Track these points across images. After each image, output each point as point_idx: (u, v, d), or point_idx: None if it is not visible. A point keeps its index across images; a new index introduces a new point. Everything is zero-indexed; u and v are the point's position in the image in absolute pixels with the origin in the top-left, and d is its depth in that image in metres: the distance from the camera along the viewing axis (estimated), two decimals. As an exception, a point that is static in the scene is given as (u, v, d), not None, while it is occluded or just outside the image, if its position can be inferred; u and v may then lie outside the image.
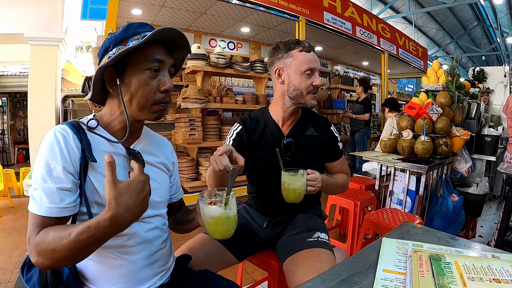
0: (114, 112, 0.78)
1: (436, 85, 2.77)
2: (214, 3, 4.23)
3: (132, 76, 0.73)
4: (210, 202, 0.76)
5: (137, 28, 0.74)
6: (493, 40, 12.91)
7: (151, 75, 0.74)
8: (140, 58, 0.73)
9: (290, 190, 1.02)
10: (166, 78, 0.76)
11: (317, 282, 0.60)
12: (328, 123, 1.27)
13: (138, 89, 0.73)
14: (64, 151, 0.68)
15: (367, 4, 9.80)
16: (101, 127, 0.77)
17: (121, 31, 0.74)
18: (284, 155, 1.16)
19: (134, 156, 0.77)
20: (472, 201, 2.51)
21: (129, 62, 0.73)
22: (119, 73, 0.73)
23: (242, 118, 1.24)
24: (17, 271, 0.80)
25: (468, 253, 0.68)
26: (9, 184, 3.51)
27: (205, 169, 3.56)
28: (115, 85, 0.74)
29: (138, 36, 0.73)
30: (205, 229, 0.79)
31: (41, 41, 4.39)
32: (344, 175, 1.27)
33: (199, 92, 3.48)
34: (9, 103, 6.66)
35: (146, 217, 0.79)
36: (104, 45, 0.75)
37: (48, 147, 0.68)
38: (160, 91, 0.75)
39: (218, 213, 0.74)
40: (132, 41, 0.72)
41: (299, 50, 1.11)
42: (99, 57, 0.76)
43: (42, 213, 0.65)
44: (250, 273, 1.98)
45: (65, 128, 0.71)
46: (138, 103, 0.74)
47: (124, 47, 0.71)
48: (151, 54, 0.73)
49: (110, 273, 0.73)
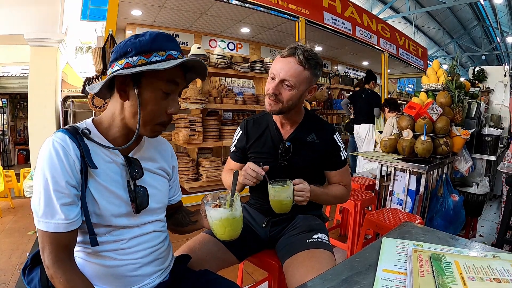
0: (116, 116, 0.75)
1: (436, 85, 2.77)
2: (214, 4, 4.23)
3: (145, 91, 0.71)
4: (215, 205, 0.78)
5: (164, 42, 0.71)
6: (493, 39, 12.91)
7: (163, 96, 0.72)
8: (157, 76, 0.70)
9: (276, 202, 1.01)
10: (176, 101, 0.75)
11: (317, 282, 0.60)
12: (332, 130, 1.21)
13: (146, 106, 0.71)
14: (65, 165, 0.67)
15: (367, 4, 9.80)
16: (99, 133, 0.75)
17: (147, 40, 0.70)
18: (281, 159, 1.15)
19: (133, 164, 0.77)
20: (473, 200, 2.50)
21: (145, 77, 0.70)
22: (135, 83, 0.70)
23: (245, 120, 1.28)
24: (18, 272, 0.81)
25: (468, 253, 0.68)
26: (9, 185, 3.52)
27: (205, 169, 3.57)
28: (124, 91, 0.72)
29: (164, 53, 0.70)
30: (213, 232, 0.81)
31: (41, 42, 4.39)
32: (341, 187, 1.20)
33: (199, 92, 3.49)
34: (9, 104, 6.67)
35: (145, 223, 0.80)
36: (125, 46, 0.70)
37: (48, 162, 0.66)
38: (167, 113, 0.74)
39: (225, 215, 0.77)
40: (156, 56, 0.69)
41: (280, 55, 1.08)
42: (116, 55, 0.71)
43: (50, 230, 0.66)
44: (250, 273, 1.98)
45: (63, 137, 0.69)
46: (144, 119, 0.72)
47: (147, 59, 0.68)
48: (170, 76, 0.71)
49: (108, 273, 0.74)
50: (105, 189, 0.72)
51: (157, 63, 0.69)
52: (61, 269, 0.66)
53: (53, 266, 0.66)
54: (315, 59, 1.06)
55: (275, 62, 1.08)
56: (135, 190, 0.76)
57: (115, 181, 0.74)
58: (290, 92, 1.06)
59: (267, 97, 1.09)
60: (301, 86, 1.07)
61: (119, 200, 0.74)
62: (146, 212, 0.79)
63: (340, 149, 1.20)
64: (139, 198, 0.76)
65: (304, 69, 1.04)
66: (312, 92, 1.14)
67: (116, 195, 0.74)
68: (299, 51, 1.03)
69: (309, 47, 1.06)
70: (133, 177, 0.76)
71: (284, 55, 1.05)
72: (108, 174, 0.73)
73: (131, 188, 0.76)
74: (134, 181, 0.77)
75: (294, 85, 1.05)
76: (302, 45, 1.05)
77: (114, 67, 0.71)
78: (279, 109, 1.09)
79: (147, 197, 0.78)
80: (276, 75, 1.05)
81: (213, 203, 0.79)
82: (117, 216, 0.73)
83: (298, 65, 1.04)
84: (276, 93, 1.06)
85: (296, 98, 1.08)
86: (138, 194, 0.76)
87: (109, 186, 0.73)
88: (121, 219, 0.74)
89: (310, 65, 1.04)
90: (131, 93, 0.71)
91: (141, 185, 0.78)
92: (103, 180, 0.72)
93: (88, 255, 0.74)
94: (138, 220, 0.78)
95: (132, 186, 0.76)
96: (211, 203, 0.79)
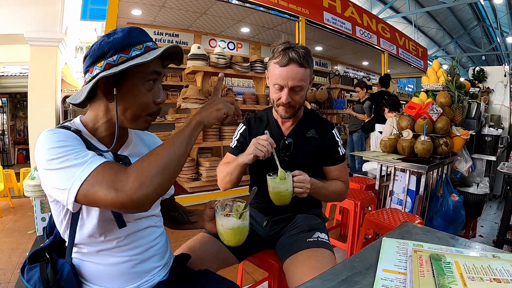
0: (100, 118, 0.75)
1: (436, 85, 2.77)
2: (214, 3, 4.23)
3: (132, 86, 0.71)
4: (226, 214, 0.84)
5: (139, 35, 0.72)
6: (493, 39, 12.92)
7: (149, 87, 0.73)
8: (140, 70, 0.71)
9: (275, 193, 1.02)
10: (161, 90, 0.76)
11: (317, 282, 0.60)
12: (331, 126, 1.24)
13: (135, 100, 0.72)
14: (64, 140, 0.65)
15: (367, 4, 9.80)
16: (88, 131, 0.75)
17: (122, 37, 0.70)
18: (282, 155, 1.16)
19: (122, 161, 0.77)
20: (472, 201, 2.50)
21: (128, 73, 0.70)
22: (116, 81, 0.70)
23: (247, 118, 1.29)
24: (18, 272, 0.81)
25: (468, 253, 0.68)
26: (9, 184, 3.52)
27: (205, 169, 3.57)
28: (110, 93, 0.71)
29: (141, 46, 0.71)
30: (220, 237, 0.86)
31: (41, 42, 4.38)
32: (340, 183, 1.21)
33: (199, 92, 3.48)
34: (9, 104, 6.67)
35: (141, 217, 0.80)
36: (100, 48, 0.69)
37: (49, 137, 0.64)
38: (155, 103, 0.75)
39: (236, 225, 0.83)
40: (134, 50, 0.70)
41: (275, 62, 1.08)
42: (92, 59, 0.70)
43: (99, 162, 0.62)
44: (250, 273, 1.98)
45: (58, 130, 0.68)
46: (134, 113, 0.73)
47: (127, 55, 0.69)
48: (151, 66, 0.72)
49: (106, 271, 0.74)
50: None
51: (138, 57, 0.69)
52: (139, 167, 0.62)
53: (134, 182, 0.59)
54: (307, 53, 1.08)
55: (276, 70, 1.08)
56: None
57: None
58: (300, 94, 1.11)
59: (281, 106, 1.11)
60: (307, 84, 1.12)
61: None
62: None
63: (338, 145, 1.23)
64: None
65: (305, 68, 1.07)
66: (312, 82, 1.18)
67: None
68: (293, 54, 1.04)
69: (293, 43, 1.09)
70: None
71: (283, 64, 1.05)
72: None
73: None
74: None
75: (303, 87, 1.09)
76: (290, 45, 1.06)
77: (94, 71, 0.70)
78: (294, 112, 1.14)
79: None
80: (284, 84, 1.07)
81: (224, 212, 0.84)
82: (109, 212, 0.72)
83: (300, 67, 1.06)
84: (289, 101, 1.09)
85: (304, 96, 1.14)
86: None
87: None
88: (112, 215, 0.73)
89: (307, 62, 1.07)
90: (119, 91, 0.71)
91: None
92: None
93: (85, 255, 0.74)
94: (130, 215, 0.77)
95: None
96: (222, 212, 0.84)
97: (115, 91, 0.70)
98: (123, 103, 0.72)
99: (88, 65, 0.71)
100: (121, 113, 0.73)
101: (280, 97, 1.10)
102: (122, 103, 0.72)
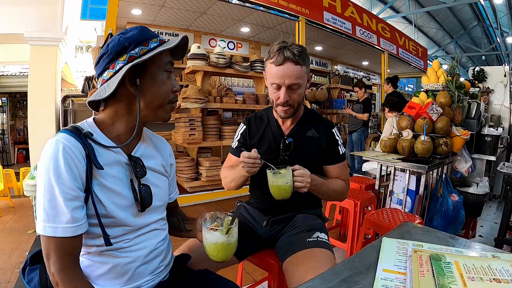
0: (121, 114, 0.76)
1: (436, 85, 2.77)
2: (214, 3, 4.23)
3: (154, 76, 0.75)
4: (212, 228, 0.78)
5: (150, 32, 0.77)
6: (493, 40, 12.90)
7: (167, 76, 0.78)
8: (158, 60, 0.75)
9: (274, 187, 1.02)
10: (175, 79, 0.81)
11: (317, 282, 0.60)
12: (331, 125, 1.24)
13: (158, 89, 0.75)
14: (71, 165, 0.65)
15: (367, 4, 9.80)
16: (101, 132, 0.75)
17: (138, 32, 0.74)
18: (283, 154, 1.16)
19: (135, 163, 0.77)
20: (472, 201, 2.50)
21: (149, 63, 0.74)
22: (138, 73, 0.73)
23: (248, 117, 1.29)
24: (17, 271, 0.81)
25: (468, 253, 0.68)
26: (9, 184, 3.51)
27: (205, 169, 3.57)
28: (134, 85, 0.73)
29: (156, 39, 0.75)
30: (205, 251, 0.81)
31: (41, 41, 4.38)
32: (341, 181, 1.20)
33: (199, 92, 3.48)
34: (9, 103, 6.67)
35: (149, 222, 0.80)
36: (119, 44, 0.72)
37: (53, 163, 0.64)
38: (173, 91, 0.79)
39: (220, 240, 0.77)
40: (152, 42, 0.74)
41: (271, 61, 1.08)
42: (111, 56, 0.72)
43: (57, 235, 0.64)
44: (250, 273, 1.98)
45: (67, 138, 0.67)
46: (158, 103, 0.76)
47: (147, 47, 0.73)
48: (166, 57, 0.77)
49: (108, 271, 0.74)
50: (110, 189, 0.72)
51: (156, 48, 0.74)
52: (68, 277, 0.64)
53: (59, 274, 0.63)
54: (303, 51, 1.08)
55: (272, 70, 1.08)
56: (139, 189, 0.76)
57: (120, 181, 0.74)
58: (298, 92, 1.11)
59: (280, 106, 1.12)
60: (304, 81, 1.12)
61: (124, 200, 0.74)
62: (149, 210, 0.79)
63: (339, 144, 1.22)
64: (143, 196, 0.76)
65: (302, 66, 1.07)
66: (310, 80, 1.17)
67: (121, 194, 0.74)
68: (288, 53, 1.05)
69: (289, 41, 1.10)
70: (137, 176, 0.77)
71: (279, 63, 1.06)
72: (112, 174, 0.73)
73: (135, 187, 0.76)
74: (139, 180, 0.77)
75: (300, 84, 1.09)
76: (285, 44, 1.07)
77: (116, 66, 0.72)
78: (293, 111, 1.14)
79: (150, 196, 0.78)
80: (281, 83, 1.07)
81: (210, 226, 0.79)
82: (123, 216, 0.73)
83: (295, 65, 1.06)
84: (287, 99, 1.09)
85: (302, 95, 1.14)
86: (142, 193, 0.76)
87: (114, 186, 0.73)
88: (126, 219, 0.74)
89: (303, 59, 1.07)
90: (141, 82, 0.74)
91: (144, 183, 0.78)
92: (108, 180, 0.72)
93: (90, 254, 0.74)
94: (142, 219, 0.78)
95: (136, 185, 0.76)
96: (209, 225, 0.79)
97: (138, 82, 0.73)
98: (147, 94, 0.75)
99: (107, 62, 0.73)
100: (145, 105, 0.75)
101: (278, 97, 1.10)
102: (145, 94, 0.74)
